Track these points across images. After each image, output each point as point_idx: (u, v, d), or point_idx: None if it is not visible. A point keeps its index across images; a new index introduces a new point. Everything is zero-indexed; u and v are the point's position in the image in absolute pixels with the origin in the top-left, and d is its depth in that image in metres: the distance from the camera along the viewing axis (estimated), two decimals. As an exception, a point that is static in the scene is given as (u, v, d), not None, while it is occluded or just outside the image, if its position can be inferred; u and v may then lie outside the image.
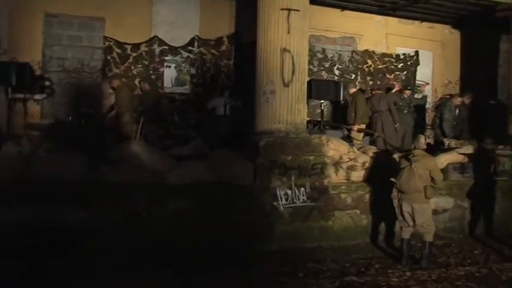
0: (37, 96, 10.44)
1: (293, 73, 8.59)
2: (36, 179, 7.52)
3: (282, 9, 8.50)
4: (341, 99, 10.30)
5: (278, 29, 8.54)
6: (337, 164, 8.81)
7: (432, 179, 7.51)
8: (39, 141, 7.75)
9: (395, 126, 11.24)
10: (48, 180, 7.48)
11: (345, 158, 8.85)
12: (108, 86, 10.60)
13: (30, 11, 10.46)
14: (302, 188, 8.43)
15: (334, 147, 8.83)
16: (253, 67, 11.34)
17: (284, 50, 8.55)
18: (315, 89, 9.36)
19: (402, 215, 7.63)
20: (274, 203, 8.32)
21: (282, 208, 8.33)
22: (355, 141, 10.47)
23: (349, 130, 11.04)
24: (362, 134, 11.12)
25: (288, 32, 8.54)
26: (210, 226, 7.71)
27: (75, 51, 10.79)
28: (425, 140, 8.10)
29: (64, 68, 10.64)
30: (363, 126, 11.24)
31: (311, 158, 8.51)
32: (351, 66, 12.58)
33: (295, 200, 8.42)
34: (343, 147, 8.94)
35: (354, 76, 12.58)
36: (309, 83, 9.47)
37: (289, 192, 8.39)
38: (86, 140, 8.76)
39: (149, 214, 7.71)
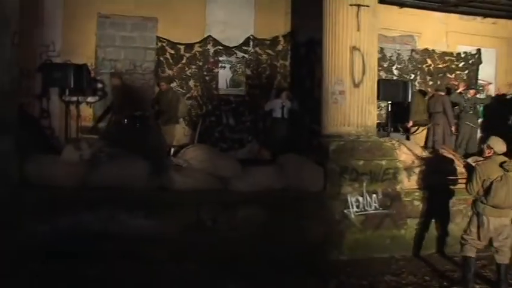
0: (89, 99, 10.13)
1: (363, 73, 8.03)
2: (97, 184, 7.19)
3: (351, 5, 7.94)
4: (409, 100, 9.71)
5: (347, 26, 7.99)
6: (409, 169, 8.21)
7: None
8: (100, 145, 7.34)
9: (451, 128, 10.67)
10: (110, 187, 7.14)
11: (418, 163, 8.27)
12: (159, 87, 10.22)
13: (83, 12, 10.14)
14: (374, 195, 7.88)
15: (407, 151, 8.26)
16: (310, 67, 11.00)
17: (354, 48, 8.00)
18: (383, 89, 8.79)
19: (479, 231, 6.31)
20: (345, 211, 7.78)
21: (353, 216, 7.79)
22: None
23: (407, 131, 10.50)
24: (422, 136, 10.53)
25: (358, 30, 7.99)
26: (278, 235, 7.24)
27: (127, 52, 10.43)
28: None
29: (116, 70, 10.28)
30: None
31: (383, 162, 7.96)
32: (410, 65, 11.95)
33: (366, 208, 7.87)
34: (416, 150, 8.36)
35: (413, 76, 11.96)
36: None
37: (360, 199, 7.85)
38: (144, 144, 8.38)
39: (215, 222, 7.28)
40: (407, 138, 10.15)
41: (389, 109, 9.35)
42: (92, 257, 6.65)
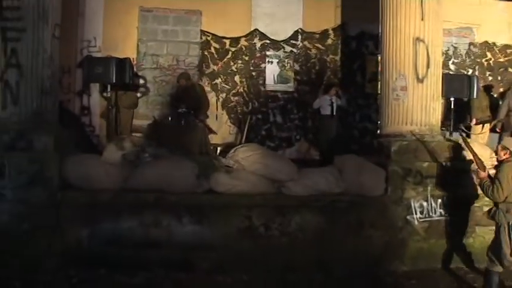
0: (130, 95, 9.53)
1: (428, 66, 7.17)
2: (141, 187, 6.58)
3: (415, -8, 7.17)
4: (474, 96, 8.83)
5: (410, 16, 7.15)
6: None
7: None
8: (144, 145, 6.72)
9: None
10: (155, 189, 6.53)
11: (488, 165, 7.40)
12: (206, 83, 9.60)
13: (124, 6, 9.64)
14: (439, 200, 7.06)
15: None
16: (361, 62, 10.24)
17: (417, 39, 7.14)
18: (446, 84, 7.93)
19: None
20: (408, 217, 6.96)
21: (416, 222, 6.96)
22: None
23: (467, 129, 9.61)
24: (486, 136, 9.59)
25: (422, 19, 7.16)
26: (336, 243, 6.54)
27: (170, 46, 9.86)
28: None
29: (159, 65, 9.71)
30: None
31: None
32: (467, 60, 10.97)
33: (431, 213, 7.03)
34: (486, 151, 7.49)
35: (471, 71, 10.95)
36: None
37: (424, 204, 7.01)
38: (190, 143, 7.76)
39: (268, 229, 6.61)
40: (469, 137, 9.25)
41: (452, 106, 8.47)
42: (135, 264, 6.19)
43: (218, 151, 8.29)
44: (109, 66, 7.28)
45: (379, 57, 7.85)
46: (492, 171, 5.97)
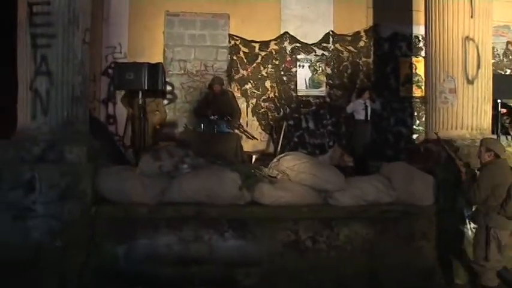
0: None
1: (478, 67, 6.65)
2: (179, 200, 6.08)
3: (464, -12, 6.65)
4: None
5: (458, 13, 6.64)
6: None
7: None
8: (182, 155, 6.22)
9: None
10: (194, 202, 6.03)
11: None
12: (236, 89, 9.09)
13: (150, 10, 9.19)
14: (493, 208, 6.56)
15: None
16: (395, 64, 9.71)
17: (467, 38, 6.65)
18: (497, 85, 7.37)
19: (493, 253, 5.20)
20: (460, 227, 6.49)
21: (470, 233, 6.44)
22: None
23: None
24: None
25: (472, 17, 6.66)
26: (386, 255, 6.00)
27: (198, 51, 9.36)
28: None
29: (186, 71, 9.22)
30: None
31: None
32: (505, 60, 10.39)
33: (485, 223, 6.55)
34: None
35: (508, 71, 10.38)
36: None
37: (477, 213, 6.55)
38: (225, 151, 7.26)
39: (315, 242, 6.10)
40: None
41: (499, 108, 7.93)
42: (174, 282, 5.77)
43: (253, 159, 7.77)
44: (141, 72, 6.78)
45: (424, 59, 7.35)
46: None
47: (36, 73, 5.97)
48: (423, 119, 9.82)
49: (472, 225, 6.49)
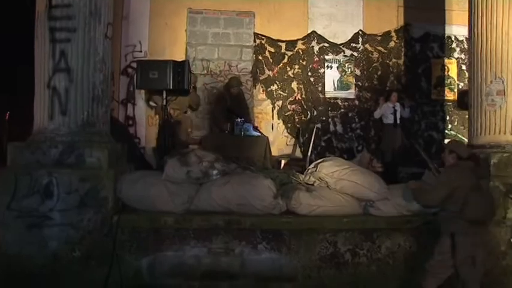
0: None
1: (529, 67, 6.09)
2: (209, 209, 5.45)
3: (512, -17, 5.99)
4: None
5: (509, 9, 6.01)
6: None
7: None
8: (212, 160, 5.59)
9: None
10: (226, 212, 5.41)
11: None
12: (261, 90, 8.47)
13: (172, 7, 8.60)
14: (546, 220, 5.91)
15: None
16: (426, 66, 9.06)
17: (518, 36, 6.06)
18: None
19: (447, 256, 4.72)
20: (511, 240, 5.85)
21: (518, 246, 5.84)
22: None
23: None
24: None
25: (523, 14, 6.04)
26: None
27: (221, 51, 8.74)
28: None
29: (209, 71, 8.60)
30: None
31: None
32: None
33: (536, 236, 5.91)
34: None
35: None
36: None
37: (529, 225, 5.90)
38: (252, 155, 6.64)
39: (355, 255, 5.46)
40: None
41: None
42: None
43: (282, 164, 7.15)
44: (165, 71, 6.16)
45: (468, 59, 6.71)
46: None
47: (54, 70, 5.36)
48: (455, 123, 9.26)
49: None
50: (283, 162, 7.34)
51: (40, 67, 5.49)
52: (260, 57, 8.79)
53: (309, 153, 7.39)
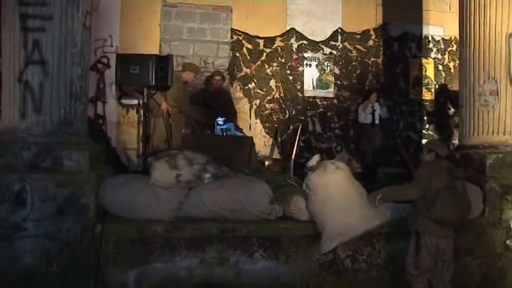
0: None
1: (523, 67, 5.88)
2: (201, 216, 4.93)
3: (505, -19, 5.77)
4: None
5: (502, 8, 5.76)
6: None
7: None
8: (203, 162, 5.04)
9: None
10: (219, 218, 4.90)
11: None
12: (238, 88, 7.96)
13: (145, 0, 7.86)
14: (540, 221, 5.73)
15: None
16: (405, 65, 8.81)
17: (511, 36, 5.80)
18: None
19: (424, 262, 4.54)
20: (508, 242, 5.57)
21: (515, 248, 5.64)
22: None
23: None
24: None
25: (517, 11, 5.83)
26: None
27: (197, 47, 8.13)
28: None
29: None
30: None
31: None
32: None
33: (530, 237, 5.72)
34: None
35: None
36: None
37: (524, 226, 5.70)
38: (236, 157, 6.12)
39: (355, 261, 5.08)
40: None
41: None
42: None
43: (266, 165, 6.68)
44: (148, 66, 5.55)
45: (459, 59, 6.48)
46: None
47: (27, 62, 4.68)
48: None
49: None
50: (266, 163, 6.87)
51: (9, 58, 4.78)
52: (237, 54, 8.26)
53: (294, 155, 6.96)
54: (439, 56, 8.94)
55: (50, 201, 4.51)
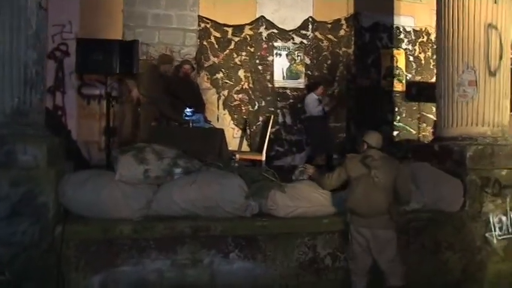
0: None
1: (500, 57, 5.65)
2: (172, 213, 4.51)
3: (487, -31, 5.56)
4: None
5: (480, -1, 5.62)
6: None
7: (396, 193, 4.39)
8: (173, 156, 4.60)
9: None
10: (190, 217, 4.50)
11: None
12: (206, 78, 7.51)
13: (107, -16, 7.29)
14: (518, 213, 5.58)
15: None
16: (377, 56, 8.54)
17: (489, 26, 5.60)
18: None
19: (354, 252, 4.39)
20: (487, 235, 5.42)
21: (495, 241, 5.43)
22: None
23: None
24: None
25: (495, 2, 5.59)
26: (411, 271, 4.62)
27: (162, 34, 7.56)
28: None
29: (149, 56, 7.40)
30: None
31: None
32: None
33: (510, 230, 5.53)
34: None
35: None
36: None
37: (504, 218, 5.50)
38: (207, 150, 5.68)
39: (335, 259, 4.77)
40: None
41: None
42: None
43: (236, 159, 6.26)
44: (112, 52, 5.04)
45: (436, 48, 6.26)
46: None
47: (-27, 44, 4.16)
48: (403, 115, 8.86)
49: (498, 232, 5.59)
50: (237, 156, 6.46)
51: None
52: (205, 43, 7.74)
53: (265, 147, 6.57)
54: (410, 47, 8.73)
55: (2, 201, 4.00)
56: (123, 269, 4.25)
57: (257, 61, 7.97)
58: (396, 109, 8.55)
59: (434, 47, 8.54)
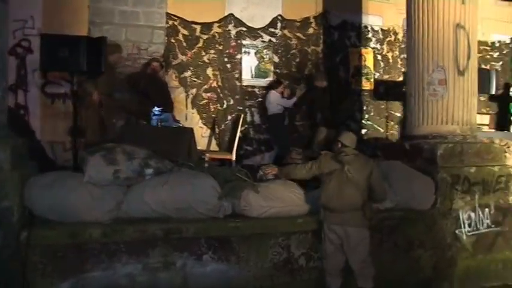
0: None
1: (468, 57, 5.74)
2: (143, 216, 4.37)
3: (455, -29, 5.62)
4: (493, 92, 7.54)
5: (449, -1, 5.68)
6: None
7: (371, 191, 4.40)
8: (144, 156, 4.44)
9: None
10: (161, 219, 4.37)
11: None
12: (174, 76, 7.34)
13: (71, -21, 7.02)
14: (486, 209, 5.65)
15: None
16: (345, 54, 8.54)
17: (458, 26, 5.67)
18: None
19: (326, 251, 4.37)
20: (457, 231, 5.50)
21: (464, 237, 5.52)
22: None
23: None
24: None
25: (463, 2, 5.67)
26: (383, 269, 4.61)
27: (129, 32, 7.30)
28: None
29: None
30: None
31: (495, 169, 5.69)
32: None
33: (478, 226, 5.65)
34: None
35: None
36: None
37: (472, 215, 5.61)
38: (176, 150, 5.55)
39: (309, 259, 4.73)
40: None
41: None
42: None
43: (206, 158, 6.14)
44: (79, 48, 4.84)
45: (406, 47, 6.32)
46: None
47: None
48: (372, 113, 8.90)
49: (467, 228, 5.67)
50: (207, 156, 6.34)
51: None
52: (173, 40, 7.52)
53: (235, 146, 6.47)
54: (378, 46, 8.77)
55: (-38, 206, 3.81)
56: (93, 275, 4.08)
57: (226, 59, 7.82)
58: (364, 107, 8.60)
59: (402, 46, 8.75)
